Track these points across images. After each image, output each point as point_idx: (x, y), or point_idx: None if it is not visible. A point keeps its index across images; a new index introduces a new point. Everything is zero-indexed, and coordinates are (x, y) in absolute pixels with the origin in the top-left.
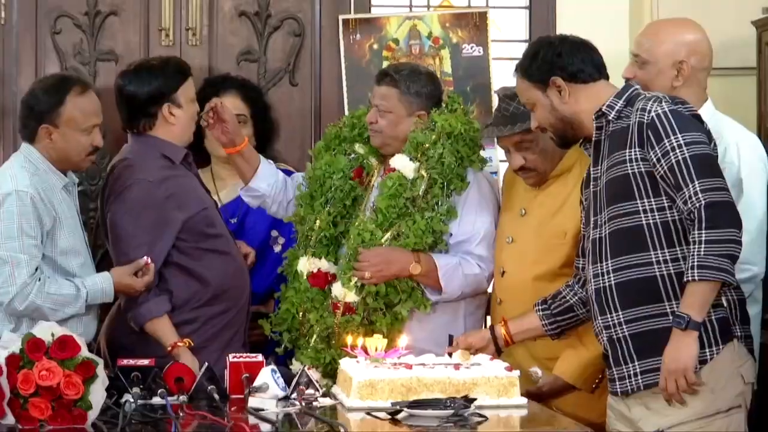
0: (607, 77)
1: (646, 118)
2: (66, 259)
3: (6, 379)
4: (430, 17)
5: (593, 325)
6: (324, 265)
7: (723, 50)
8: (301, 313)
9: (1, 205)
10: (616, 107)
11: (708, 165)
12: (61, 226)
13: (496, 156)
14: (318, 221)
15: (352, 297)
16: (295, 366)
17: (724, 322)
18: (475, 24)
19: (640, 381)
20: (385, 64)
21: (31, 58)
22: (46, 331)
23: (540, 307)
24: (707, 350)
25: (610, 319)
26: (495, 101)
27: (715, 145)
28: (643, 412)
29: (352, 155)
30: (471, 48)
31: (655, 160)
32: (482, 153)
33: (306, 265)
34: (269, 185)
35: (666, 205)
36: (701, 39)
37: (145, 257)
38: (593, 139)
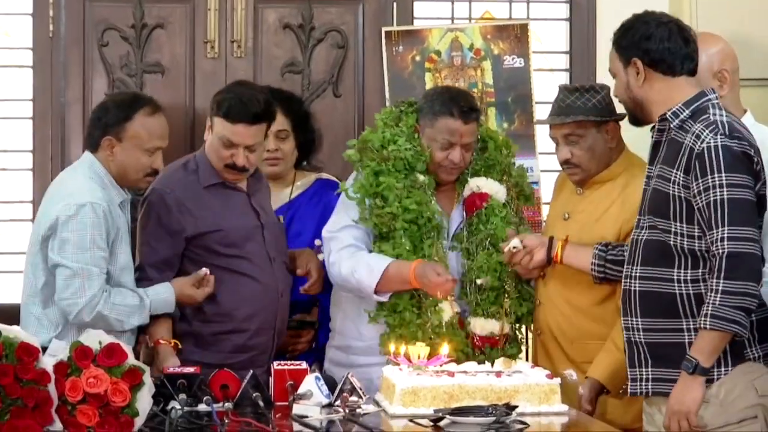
0: (693, 74)
1: (698, 147)
2: (122, 274)
3: (54, 386)
4: (472, 29)
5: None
6: (496, 327)
7: (761, 61)
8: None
9: (75, 216)
10: (681, 116)
11: (742, 211)
12: (120, 241)
13: (537, 166)
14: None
15: (508, 327)
16: None
17: (738, 345)
18: (516, 36)
19: (650, 387)
20: (427, 75)
21: (78, 70)
22: (93, 338)
23: (598, 248)
24: (715, 369)
25: (630, 322)
26: (536, 111)
27: (764, 183)
28: (662, 419)
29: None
30: (512, 59)
31: (696, 191)
32: (524, 162)
33: (450, 310)
34: None
35: (697, 234)
36: (725, 45)
37: (204, 269)
38: (653, 138)
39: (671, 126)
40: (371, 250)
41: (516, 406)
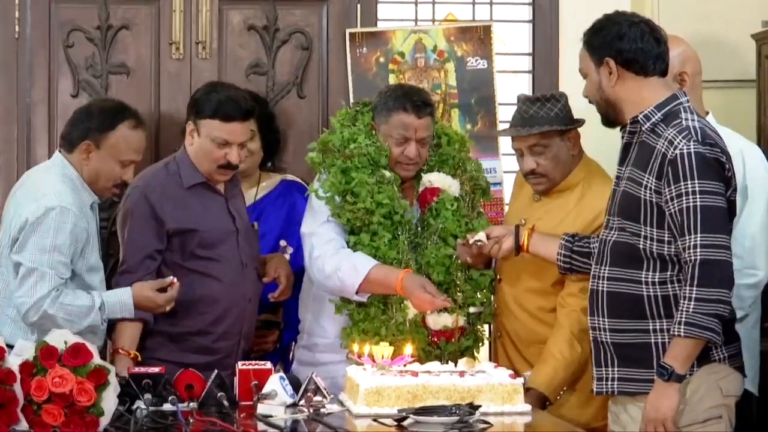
0: (664, 74)
1: (671, 153)
2: (90, 275)
3: (20, 386)
4: (435, 31)
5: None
6: (449, 320)
7: (723, 63)
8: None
9: (43, 218)
10: (653, 119)
11: (714, 218)
12: (89, 243)
13: (500, 167)
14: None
15: (462, 320)
16: None
17: (704, 347)
18: (480, 37)
19: (615, 386)
20: (391, 76)
21: (44, 71)
22: (59, 338)
23: (565, 239)
24: None
25: (597, 322)
26: (499, 113)
27: (734, 189)
28: (627, 418)
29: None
30: (475, 61)
31: (668, 197)
32: (487, 163)
33: (435, 320)
34: None
35: (666, 239)
36: (687, 47)
37: (171, 277)
38: (623, 140)
39: (643, 128)
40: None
41: (479, 406)
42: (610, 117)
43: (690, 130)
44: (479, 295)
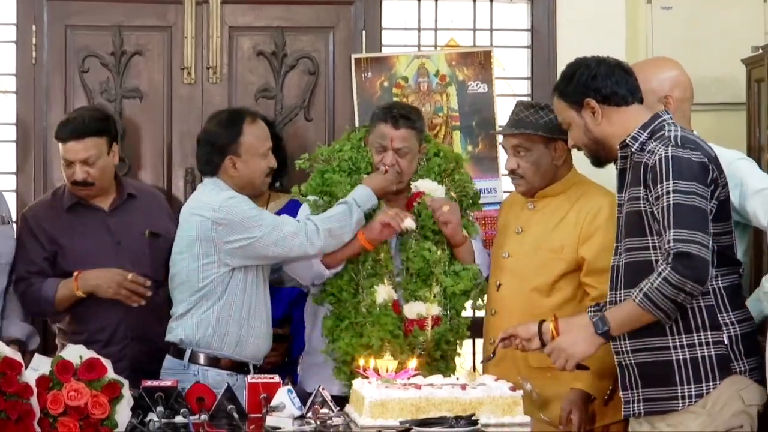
0: (641, 101)
1: (650, 160)
2: None
3: (36, 400)
4: (438, 56)
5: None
6: (422, 309)
7: (714, 86)
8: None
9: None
10: (640, 139)
11: (690, 216)
12: None
13: (501, 187)
14: (382, 252)
15: (436, 309)
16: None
17: (724, 359)
18: (480, 62)
19: (642, 407)
20: (395, 100)
21: (60, 96)
22: (74, 353)
23: (593, 308)
24: (704, 384)
25: (619, 346)
26: (499, 135)
27: (723, 187)
28: (647, 428)
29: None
30: (476, 85)
31: (653, 200)
32: (487, 183)
33: (386, 294)
34: None
35: None
36: (680, 73)
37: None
38: (618, 167)
39: (632, 150)
40: None
41: (477, 420)
42: (601, 157)
43: (670, 139)
44: (461, 285)
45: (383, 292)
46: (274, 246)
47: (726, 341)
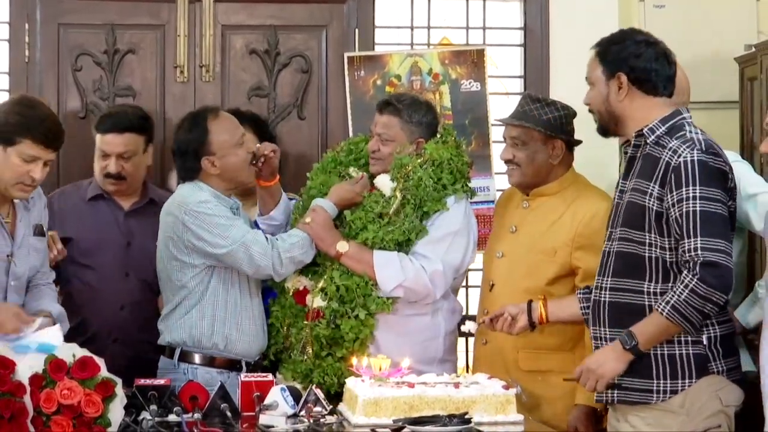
0: (670, 95)
1: (674, 161)
2: None
3: (30, 398)
4: (431, 54)
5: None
6: (308, 283)
7: (708, 85)
8: (285, 328)
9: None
10: (657, 132)
11: (715, 224)
12: None
13: (494, 186)
14: None
15: (318, 302)
16: (279, 378)
17: (702, 359)
18: (473, 61)
19: (615, 395)
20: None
21: (53, 94)
22: (67, 352)
23: (581, 292)
24: (679, 381)
25: (598, 332)
26: (492, 133)
27: (734, 198)
28: (627, 427)
29: (346, 177)
30: (469, 83)
31: (670, 203)
32: (480, 182)
33: (292, 282)
34: (285, 216)
35: (668, 246)
36: (678, 75)
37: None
38: (628, 154)
39: (648, 141)
40: None
41: (471, 418)
42: (609, 128)
43: (694, 141)
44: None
45: (291, 279)
46: (240, 263)
47: (705, 342)
